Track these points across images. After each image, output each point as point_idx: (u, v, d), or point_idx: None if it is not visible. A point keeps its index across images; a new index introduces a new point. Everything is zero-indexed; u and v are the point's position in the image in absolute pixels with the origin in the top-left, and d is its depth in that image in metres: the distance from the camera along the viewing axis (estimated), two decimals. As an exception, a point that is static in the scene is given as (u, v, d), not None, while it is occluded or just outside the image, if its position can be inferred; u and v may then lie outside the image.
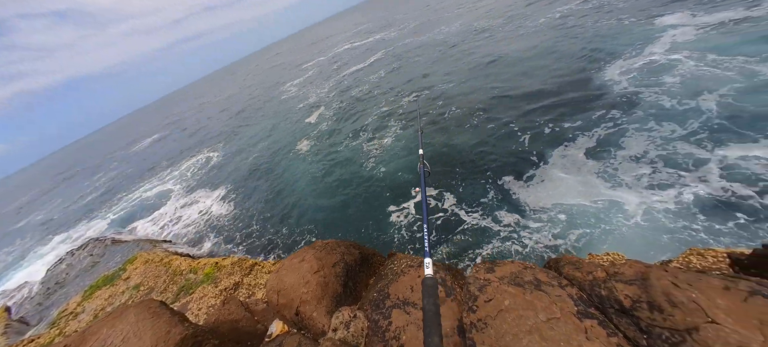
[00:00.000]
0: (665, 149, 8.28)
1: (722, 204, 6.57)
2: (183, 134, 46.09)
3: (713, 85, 9.68)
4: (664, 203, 7.08)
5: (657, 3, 17.21)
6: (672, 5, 16.12)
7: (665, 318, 1.92)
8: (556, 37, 18.84)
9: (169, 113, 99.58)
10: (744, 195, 6.53)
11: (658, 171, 7.80)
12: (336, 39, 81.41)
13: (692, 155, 7.79)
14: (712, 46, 11.63)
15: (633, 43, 14.10)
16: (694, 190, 7.04)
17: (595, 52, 14.92)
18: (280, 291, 3.96)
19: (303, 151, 18.84)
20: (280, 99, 37.42)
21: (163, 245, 13.57)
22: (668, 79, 10.84)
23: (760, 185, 6.54)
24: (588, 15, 19.87)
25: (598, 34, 16.78)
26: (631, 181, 7.89)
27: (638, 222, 7.00)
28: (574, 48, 16.28)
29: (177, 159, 32.23)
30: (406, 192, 11.14)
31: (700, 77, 10.30)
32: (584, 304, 2.32)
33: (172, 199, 21.71)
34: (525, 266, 2.97)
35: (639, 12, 17.11)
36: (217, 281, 8.40)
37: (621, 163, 8.46)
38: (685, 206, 6.86)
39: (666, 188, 7.36)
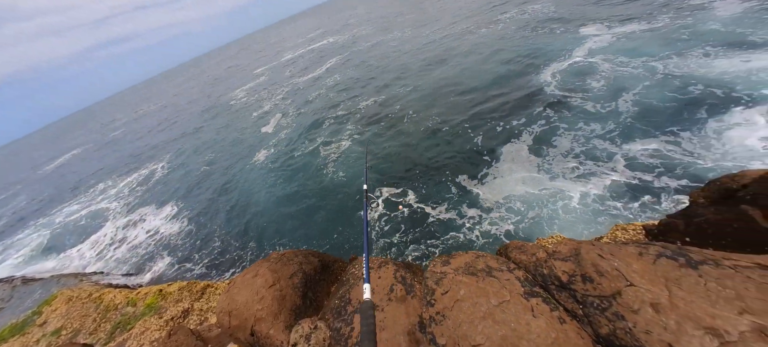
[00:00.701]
0: (588, 144, 9.58)
1: (632, 188, 7.82)
2: (115, 148, 40.72)
3: (626, 84, 11.41)
4: (591, 189, 8.20)
5: (577, 15, 19.70)
6: (591, 17, 18.57)
7: (595, 287, 2.14)
8: (500, 43, 20.54)
9: (94, 124, 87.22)
10: (646, 180, 7.86)
11: (584, 163, 9.01)
12: (289, 43, 78.95)
13: (607, 149, 9.12)
14: (623, 50, 13.71)
15: (563, 49, 16.01)
16: (611, 177, 8.28)
17: (532, 56, 16.62)
18: (232, 311, 3.64)
19: (260, 160, 17.80)
20: (229, 106, 35.06)
21: (91, 278, 11.76)
22: (590, 80, 12.55)
23: (656, 171, 7.96)
24: (526, 25, 21.97)
25: (534, 41, 18.69)
26: (564, 172, 8.97)
27: (573, 207, 7.96)
28: (514, 53, 17.92)
29: (111, 175, 28.40)
30: (371, 197, 11.14)
31: (615, 78, 12.07)
32: (530, 284, 2.49)
33: (111, 220, 18.99)
34: (477, 255, 3.11)
35: (566, 23, 19.37)
36: (161, 311, 7.49)
37: (555, 157, 9.59)
38: (606, 191, 8.01)
39: (591, 177, 8.52)
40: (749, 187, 2.87)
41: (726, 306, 1.76)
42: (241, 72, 61.20)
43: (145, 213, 17.87)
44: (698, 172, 7.52)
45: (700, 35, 12.44)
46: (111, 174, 28.61)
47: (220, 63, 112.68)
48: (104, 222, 19.04)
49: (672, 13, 15.20)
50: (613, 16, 17.33)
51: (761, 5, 12.87)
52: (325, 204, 11.78)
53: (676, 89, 10.14)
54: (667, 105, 9.70)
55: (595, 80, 12.39)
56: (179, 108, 49.54)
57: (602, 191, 8.04)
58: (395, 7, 65.74)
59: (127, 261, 13.90)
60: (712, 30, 12.51)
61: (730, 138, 7.95)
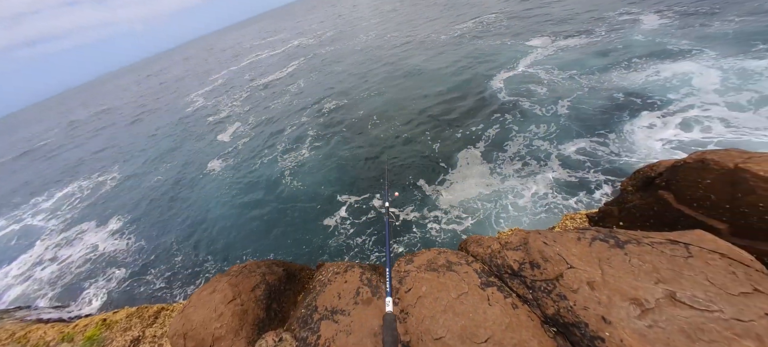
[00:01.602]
0: (533, 146, 10.72)
1: (570, 183, 8.93)
2: (47, 157, 35.82)
3: (564, 92, 12.87)
4: (536, 186, 9.20)
5: (526, 29, 21.50)
6: (538, 31, 20.39)
7: (541, 272, 2.33)
8: (455, 51, 21.79)
9: (16, 134, 75.86)
10: (581, 175, 9.06)
11: (529, 163, 10.08)
12: (247, 46, 75.69)
13: (548, 150, 10.30)
14: (563, 61, 15.38)
15: (511, 59, 17.58)
16: (552, 174, 9.39)
17: (485, 65, 17.99)
18: (187, 333, 3.37)
19: (216, 171, 16.74)
20: (185, 112, 32.57)
21: (14, 314, 10.20)
22: (535, 87, 13.96)
23: (588, 167, 9.22)
24: (479, 36, 23.40)
25: (486, 51, 20.16)
26: (514, 172, 9.95)
27: (523, 203, 8.83)
28: (470, 61, 19.22)
29: (45, 188, 24.93)
30: (332, 204, 11.13)
31: (555, 86, 13.53)
32: (486, 275, 2.64)
33: (43, 238, 16.66)
34: (439, 251, 3.23)
35: (514, 35, 21.04)
36: (106, 343, 6.71)
37: (506, 159, 10.61)
38: (549, 187, 9.05)
39: (536, 175, 9.57)
40: (663, 175, 3.32)
41: (645, 277, 2.03)
42: (195, 76, 57.30)
43: (84, 229, 15.97)
44: (621, 166, 8.79)
45: (627, 48, 14.36)
46: (45, 187, 25.16)
47: (169, 67, 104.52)
48: (35, 241, 16.72)
49: (605, 27, 17.23)
50: (556, 31, 19.25)
51: (673, 20, 15.11)
52: (287, 213, 11.51)
53: (605, 96, 11.72)
54: (596, 110, 11.17)
55: (540, 87, 13.80)
56: (125, 113, 45.00)
57: (546, 187, 9.03)
58: (358, 12, 66.04)
59: (64, 285, 12.27)
60: (637, 42, 14.51)
61: (643, 137, 9.47)
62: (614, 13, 18.56)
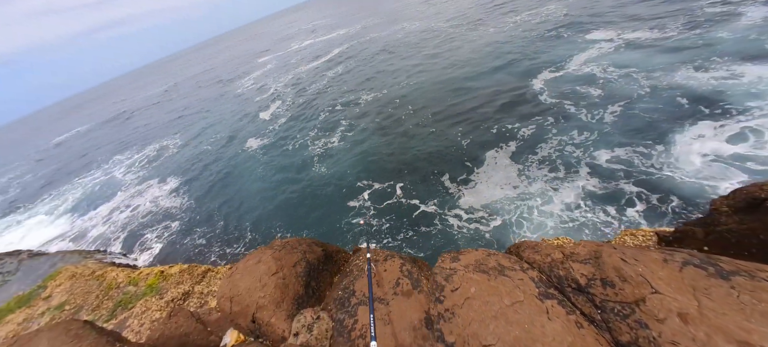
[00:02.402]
0: (567, 151, 9.77)
1: (602, 195, 8.10)
2: (124, 126, 41.16)
3: (619, 93, 11.38)
4: (566, 194, 8.47)
5: (588, 21, 19.28)
6: (602, 22, 18.15)
7: (616, 293, 2.03)
8: (503, 45, 20.35)
9: (99, 105, 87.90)
10: (614, 187, 8.16)
11: (560, 169, 9.23)
12: (294, 32, 78.48)
13: (584, 157, 9.34)
14: (625, 58, 13.50)
15: (563, 55, 15.87)
16: (584, 184, 8.55)
17: (533, 61, 16.50)
18: (234, 297, 3.58)
19: (253, 147, 18.11)
20: (235, 91, 35.18)
21: (94, 256, 11.88)
22: (586, 88, 12.49)
23: (620, 178, 8.28)
24: (533, 29, 21.53)
25: (538, 45, 18.46)
26: (542, 177, 9.21)
27: (550, 210, 8.20)
28: (517, 57, 17.80)
29: (122, 149, 29.29)
30: (357, 188, 11.33)
31: (610, 87, 12.00)
32: (544, 285, 2.38)
33: (122, 189, 19.81)
34: (488, 253, 3.01)
35: (573, 28, 18.99)
36: (162, 292, 7.52)
37: (535, 163, 9.82)
38: (580, 196, 8.27)
39: (565, 182, 8.79)
40: (781, 196, 2.72)
41: (762, 320, 1.65)
42: (249, 56, 61.26)
43: (150, 185, 18.60)
44: (663, 183, 7.66)
45: (707, 46, 12.18)
46: (125, 147, 29.48)
47: (224, 50, 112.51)
48: (117, 191, 19.82)
49: (685, 20, 14.79)
50: (624, 24, 16.96)
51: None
52: (315, 193, 12.07)
53: (665, 100, 10.16)
54: (650, 116, 9.77)
55: (589, 87, 12.39)
56: (186, 92, 49.72)
57: (576, 196, 8.25)
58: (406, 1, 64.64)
59: (132, 231, 14.35)
60: (721, 39, 12.26)
61: (697, 150, 8.13)
62: (703, 3, 15.75)
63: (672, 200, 7.31)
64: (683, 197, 7.27)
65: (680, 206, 7.19)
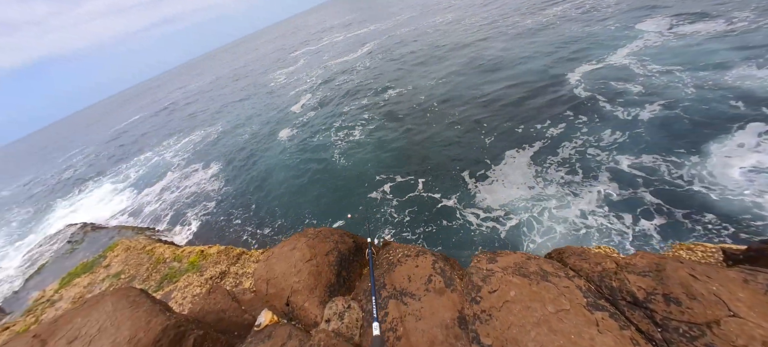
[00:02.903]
0: (592, 154, 9.02)
1: (622, 204, 7.43)
2: (171, 116, 45.06)
3: (661, 92, 10.22)
4: (583, 201, 7.90)
5: (639, 9, 17.42)
6: (653, 13, 16.36)
7: (683, 311, 1.82)
8: (540, 38, 19.10)
9: (151, 97, 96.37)
10: (635, 198, 7.43)
11: (580, 174, 8.62)
12: (326, 27, 80.00)
13: (609, 162, 8.56)
14: (673, 53, 12.08)
15: (606, 48, 14.49)
16: (604, 191, 7.90)
17: (571, 54, 15.29)
18: (270, 279, 3.75)
19: (284, 139, 18.99)
20: (269, 84, 36.92)
21: (145, 232, 13.09)
22: (625, 84, 11.36)
23: (641, 187, 7.52)
24: (574, 19, 19.99)
25: (578, 37, 17.06)
26: (561, 180, 8.63)
27: (563, 216, 7.75)
28: (551, 50, 16.65)
29: (170, 135, 32.41)
30: (378, 181, 11.50)
31: (652, 84, 10.80)
32: (593, 296, 2.21)
33: (172, 170, 21.92)
34: (527, 256, 2.85)
35: (622, 18, 17.30)
36: (202, 269, 8.11)
37: (556, 165, 9.22)
38: (597, 204, 7.67)
39: (585, 188, 8.21)
40: None
41: None
42: (282, 51, 63.70)
43: (195, 169, 20.29)
44: (694, 195, 6.86)
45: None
46: (173, 133, 32.64)
47: (260, 46, 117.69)
48: (167, 172, 21.89)
49: (760, 11, 12.76)
50: (680, 13, 15.10)
51: None
52: (338, 184, 12.32)
53: (713, 101, 8.94)
54: (691, 119, 8.70)
55: (629, 84, 11.23)
56: (225, 84, 52.97)
57: (593, 204, 7.66)
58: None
59: (177, 209, 15.83)
60: None
61: (738, 164, 7.10)
62: None
63: (704, 216, 6.57)
64: (720, 213, 6.49)
65: (714, 221, 6.43)
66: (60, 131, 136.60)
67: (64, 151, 56.20)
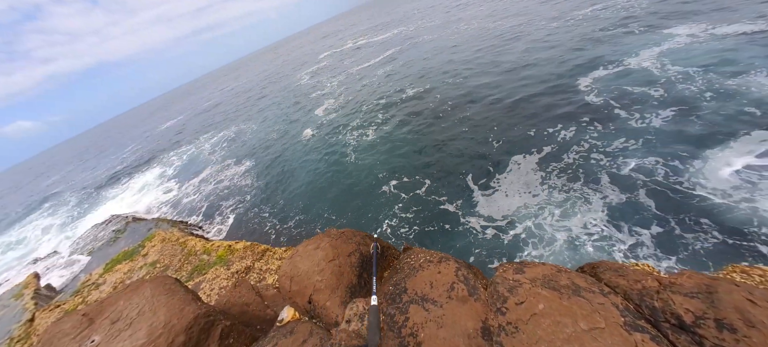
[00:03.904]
0: (599, 162, 8.66)
1: (628, 215, 7.08)
2: (212, 113, 48.71)
3: (682, 97, 9.66)
4: (585, 211, 7.63)
5: (672, 12, 16.27)
6: (687, 17, 15.25)
7: (738, 340, 1.65)
8: (562, 43, 18.54)
9: (196, 97, 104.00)
10: (643, 207, 7.09)
11: (585, 182, 8.30)
12: (352, 32, 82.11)
13: (616, 170, 8.18)
14: (701, 57, 11.32)
15: (630, 51, 13.84)
16: (608, 202, 7.55)
17: (594, 57, 14.73)
18: (294, 277, 3.85)
19: (306, 138, 19.85)
20: (296, 86, 38.88)
21: (179, 226, 13.93)
22: (644, 89, 10.83)
23: (643, 197, 7.19)
24: (600, 24, 19.02)
25: (602, 42, 16.37)
26: (566, 190, 8.34)
27: (564, 225, 7.51)
28: (574, 54, 16.15)
29: (206, 130, 35.99)
30: (391, 181, 11.75)
31: (674, 89, 10.19)
32: (632, 315, 2.06)
33: (209, 166, 23.90)
34: (558, 269, 2.72)
35: (649, 22, 16.41)
36: (229, 264, 8.50)
37: (561, 172, 8.88)
38: (600, 215, 7.35)
39: (589, 198, 7.92)
40: None
41: None
42: (309, 55, 66.26)
43: (228, 164, 21.98)
44: (700, 204, 6.46)
45: None
46: (210, 128, 35.94)
47: (292, 49, 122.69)
48: (205, 167, 23.85)
49: None
50: (716, 15, 14.09)
51: None
52: (356, 184, 12.63)
53: (731, 109, 8.37)
54: (706, 127, 8.19)
55: (650, 89, 10.69)
56: (259, 85, 56.00)
57: (596, 215, 7.32)
58: None
59: (211, 201, 17.13)
60: None
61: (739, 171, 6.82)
62: None
63: (707, 226, 6.27)
64: (721, 223, 6.17)
65: (718, 232, 6.11)
66: (118, 126, 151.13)
67: (120, 146, 62.17)
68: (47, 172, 75.29)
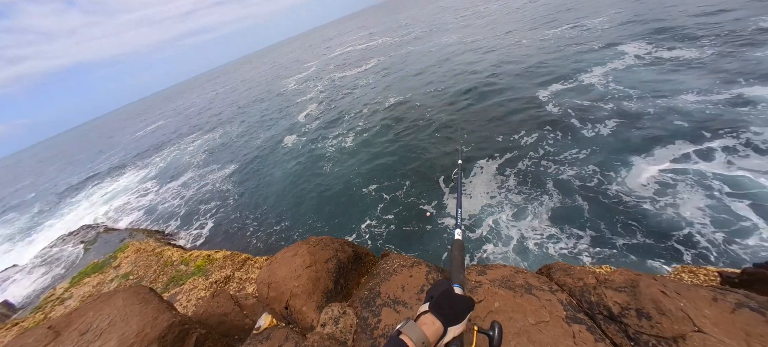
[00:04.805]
0: (551, 168, 9.50)
1: (569, 216, 7.79)
2: (198, 118, 48.00)
3: (628, 111, 10.84)
4: (536, 214, 8.25)
5: (623, 36, 17.99)
6: (634, 39, 16.96)
7: (652, 326, 1.93)
8: (530, 58, 19.83)
9: (175, 103, 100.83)
10: (579, 208, 7.85)
11: (537, 186, 9.01)
12: (340, 41, 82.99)
13: (560, 176, 9.04)
14: (641, 76, 12.79)
15: (584, 69, 15.22)
16: (553, 204, 8.29)
17: (552, 74, 16.07)
18: (271, 283, 3.93)
19: (288, 145, 19.94)
20: (281, 91, 39.05)
21: (156, 235, 13.45)
22: (595, 103, 12.03)
23: (580, 200, 8.02)
24: (563, 43, 20.61)
25: (564, 57, 17.80)
26: (520, 192, 9.07)
27: (518, 227, 8.06)
28: (536, 70, 17.41)
29: (189, 133, 35.47)
30: (371, 188, 12.02)
31: (619, 104, 11.39)
32: (573, 309, 2.32)
33: (190, 169, 23.27)
34: (516, 270, 2.97)
35: (605, 43, 17.95)
36: (208, 273, 8.33)
37: (516, 177, 9.71)
38: (547, 217, 7.99)
39: (539, 200, 8.63)
40: None
41: (828, 377, 1.48)
42: (296, 63, 66.37)
43: (211, 169, 21.43)
44: (634, 211, 7.20)
45: (744, 67, 10.95)
46: (193, 131, 35.46)
47: (281, 56, 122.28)
48: (186, 170, 23.23)
49: (728, 38, 13.40)
50: (662, 39, 15.76)
51: None
52: (334, 193, 12.75)
53: (667, 121, 9.56)
54: (644, 137, 9.29)
55: (601, 103, 11.88)
56: (243, 90, 55.53)
57: (543, 217, 7.94)
58: (450, 12, 64.67)
59: (191, 206, 16.77)
60: (760, 60, 10.96)
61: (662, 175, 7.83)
62: (759, 19, 14.03)
63: (634, 227, 6.99)
64: (647, 225, 6.92)
65: (640, 232, 6.84)
66: (97, 129, 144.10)
67: (96, 149, 59.43)
68: (9, 178, 70.31)
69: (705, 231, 6.45)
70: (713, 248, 6.23)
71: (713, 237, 6.33)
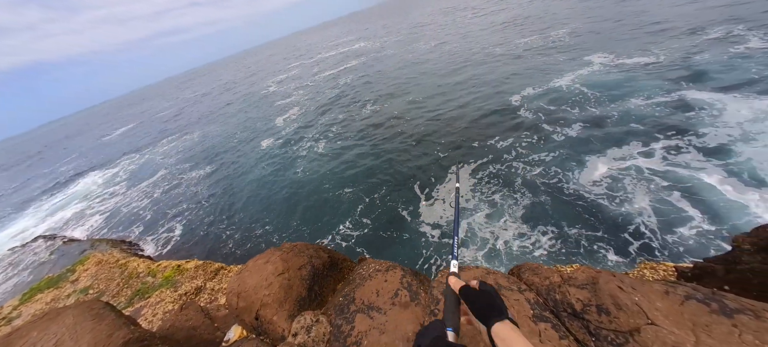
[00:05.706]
0: (522, 169, 10.06)
1: (538, 216, 8.22)
2: (171, 120, 46.07)
3: (595, 113, 11.75)
4: (508, 215, 8.60)
5: (590, 45, 19.32)
6: (599, 49, 18.22)
7: (611, 321, 2.00)
8: (504, 66, 20.76)
9: (153, 102, 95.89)
10: (544, 211, 8.31)
11: (507, 189, 9.51)
12: (321, 45, 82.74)
13: (534, 178, 9.58)
14: (605, 81, 13.85)
15: (554, 75, 16.23)
16: (524, 205, 8.75)
17: (524, 80, 16.98)
18: (241, 293, 3.75)
19: (264, 147, 19.44)
20: (261, 93, 38.31)
21: (120, 246, 12.60)
22: (565, 107, 12.87)
23: (547, 202, 8.50)
24: (535, 51, 21.74)
25: (535, 65, 18.79)
26: (490, 196, 9.48)
27: (493, 230, 8.38)
28: (509, 77, 18.32)
29: (162, 137, 33.61)
30: (346, 192, 12.05)
31: (587, 108, 12.29)
32: (540, 308, 2.37)
33: (163, 170, 22.28)
34: (488, 271, 3.01)
35: (573, 52, 19.18)
36: (177, 285, 7.87)
37: (494, 180, 10.06)
38: (521, 218, 8.39)
39: (509, 203, 9.03)
40: (804, 238, 2.58)
41: (762, 362, 1.58)
42: (277, 65, 65.25)
43: (186, 169, 20.63)
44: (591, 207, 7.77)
45: (692, 72, 12.27)
46: (166, 134, 33.81)
47: (261, 59, 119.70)
48: (159, 170, 22.33)
49: (681, 47, 14.78)
50: (620, 50, 17.05)
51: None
52: (309, 196, 12.63)
53: (625, 125, 10.42)
54: (604, 141, 10.07)
55: (569, 107, 12.72)
56: (220, 93, 53.71)
57: (517, 218, 8.33)
58: (428, 19, 66.11)
59: (159, 209, 16.04)
60: (708, 67, 12.27)
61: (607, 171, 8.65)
62: (710, 33, 15.48)
63: (591, 222, 7.46)
64: (606, 221, 7.38)
65: (597, 227, 7.33)
66: (65, 128, 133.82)
67: (59, 152, 55.42)
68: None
69: (649, 222, 7.04)
70: (656, 240, 6.73)
71: (655, 228, 6.92)
